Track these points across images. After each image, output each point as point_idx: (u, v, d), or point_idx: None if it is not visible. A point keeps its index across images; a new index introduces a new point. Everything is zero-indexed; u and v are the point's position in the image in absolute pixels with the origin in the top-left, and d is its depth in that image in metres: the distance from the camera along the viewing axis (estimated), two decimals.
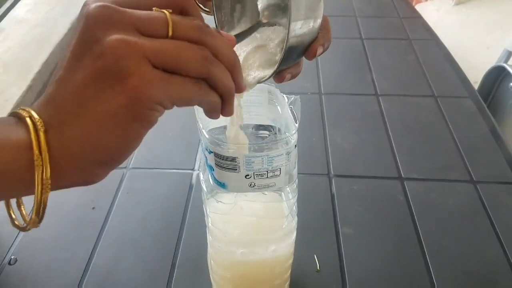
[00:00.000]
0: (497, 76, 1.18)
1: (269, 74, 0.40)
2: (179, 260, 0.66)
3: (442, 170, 0.83)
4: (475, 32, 1.70)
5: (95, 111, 0.27)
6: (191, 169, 0.82)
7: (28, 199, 0.30)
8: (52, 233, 0.70)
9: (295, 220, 0.55)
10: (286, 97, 0.51)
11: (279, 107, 0.52)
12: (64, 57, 0.28)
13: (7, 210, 0.32)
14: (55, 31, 1.77)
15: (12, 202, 0.32)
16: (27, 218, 0.30)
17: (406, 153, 0.86)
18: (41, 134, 0.27)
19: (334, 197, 0.77)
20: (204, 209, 0.55)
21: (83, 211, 0.74)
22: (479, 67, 1.38)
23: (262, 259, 0.55)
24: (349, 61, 1.15)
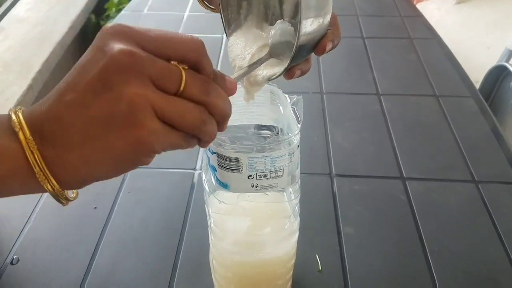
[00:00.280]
0: (498, 75, 1.18)
1: (280, 71, 0.40)
2: (180, 260, 0.66)
3: (443, 169, 0.83)
4: (476, 31, 1.69)
5: (100, 147, 0.29)
6: (193, 169, 0.82)
7: None
8: (54, 232, 0.70)
9: (297, 220, 0.55)
10: (288, 97, 0.51)
11: (281, 107, 0.52)
12: (77, 79, 0.29)
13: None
14: (55, 30, 1.77)
15: None
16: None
17: (407, 152, 0.86)
18: (37, 154, 0.29)
19: (335, 197, 0.77)
20: (206, 209, 0.55)
21: (85, 211, 0.74)
22: (480, 67, 1.38)
23: (264, 260, 0.55)
24: (350, 60, 1.15)
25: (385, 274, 0.66)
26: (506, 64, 1.16)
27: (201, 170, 0.81)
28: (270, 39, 0.41)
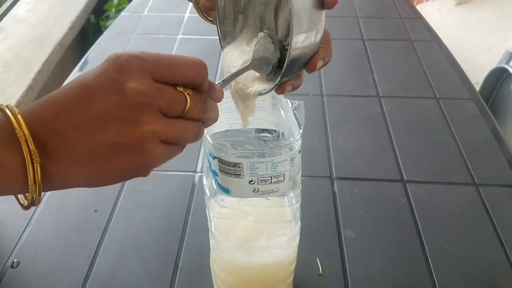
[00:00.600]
0: (499, 77, 1.18)
1: (271, 87, 0.41)
2: (181, 263, 0.66)
3: (444, 172, 0.83)
4: (476, 32, 1.69)
5: (103, 167, 0.32)
6: (193, 171, 0.82)
7: None
8: (54, 236, 0.70)
9: (298, 224, 0.55)
10: (290, 102, 0.51)
11: (282, 112, 0.52)
12: (84, 100, 0.31)
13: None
14: (55, 30, 1.77)
15: None
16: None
17: (408, 155, 0.86)
18: (37, 167, 0.30)
19: (336, 200, 0.77)
20: (207, 213, 0.55)
21: (86, 214, 0.74)
22: (480, 68, 1.38)
23: (265, 264, 0.55)
24: (350, 62, 1.15)
25: (385, 277, 0.66)
26: (506, 66, 1.16)
27: (201, 172, 0.81)
28: (253, 53, 0.43)
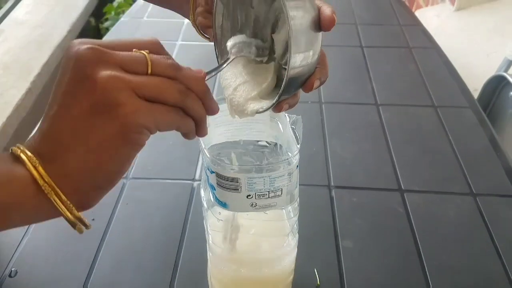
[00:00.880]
0: (497, 85, 1.18)
1: (268, 106, 0.41)
2: (179, 273, 0.66)
3: (442, 182, 0.83)
4: (475, 38, 1.70)
5: (91, 140, 0.30)
6: (191, 179, 0.82)
7: None
8: (52, 245, 0.70)
9: (296, 237, 0.55)
10: (288, 116, 0.51)
11: (280, 125, 0.52)
12: (55, 95, 0.31)
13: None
14: (55, 32, 1.77)
15: None
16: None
17: (406, 164, 0.86)
18: (40, 168, 0.30)
19: (334, 209, 0.77)
20: (204, 225, 0.55)
21: None
22: (479, 75, 1.38)
23: (262, 277, 0.55)
24: (349, 70, 1.15)
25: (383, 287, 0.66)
26: (505, 74, 1.16)
27: (199, 180, 0.81)
28: (228, 43, 0.43)
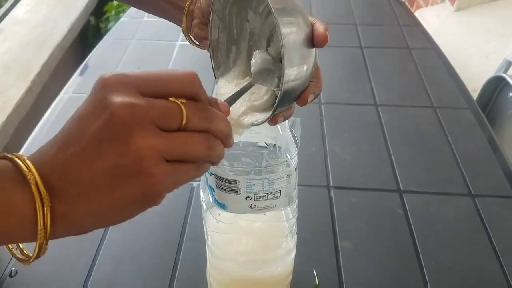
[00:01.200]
0: (496, 86, 1.18)
1: (263, 119, 0.42)
2: (178, 274, 0.67)
3: (440, 183, 0.83)
4: (475, 39, 1.70)
5: (109, 197, 0.30)
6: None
7: None
8: (52, 245, 0.70)
9: (294, 238, 0.55)
10: None
11: (279, 128, 0.52)
12: (79, 130, 0.30)
13: (8, 249, 0.33)
14: (55, 32, 1.77)
15: None
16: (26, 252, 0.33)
17: (405, 165, 0.87)
18: (47, 211, 0.29)
19: (333, 210, 0.77)
20: (204, 226, 0.55)
21: None
22: (478, 75, 1.38)
23: (261, 277, 0.55)
24: (348, 70, 1.15)
25: None
26: (504, 75, 1.16)
27: (199, 181, 0.81)
28: (252, 68, 0.43)
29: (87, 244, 0.70)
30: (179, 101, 0.31)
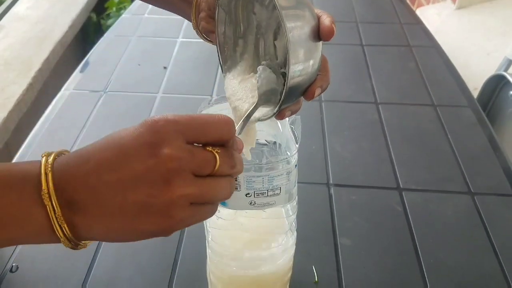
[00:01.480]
0: (497, 84, 1.18)
1: (270, 114, 0.42)
2: (178, 270, 0.67)
3: (440, 181, 0.84)
4: (476, 37, 1.70)
5: (130, 225, 0.33)
6: None
7: None
8: None
9: (294, 235, 0.56)
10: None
11: (280, 125, 0.52)
12: (118, 160, 0.32)
13: None
14: (55, 28, 1.77)
15: None
16: None
17: (404, 163, 0.87)
18: (65, 226, 0.32)
19: (333, 207, 0.77)
20: (204, 222, 0.55)
21: None
22: (479, 73, 1.38)
23: (261, 274, 0.56)
24: (349, 68, 1.15)
25: (380, 285, 0.66)
26: (504, 73, 1.16)
27: None
28: (257, 89, 0.43)
29: None
30: (215, 151, 0.34)
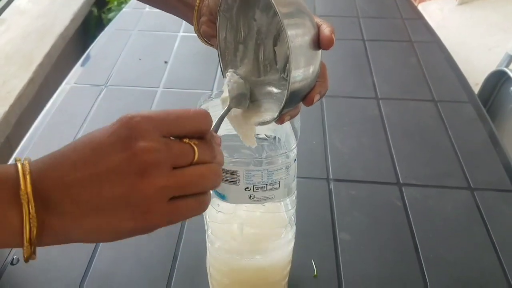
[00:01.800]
0: (498, 80, 1.18)
1: (270, 119, 0.43)
2: (178, 264, 0.67)
3: (440, 176, 0.84)
4: (477, 32, 1.69)
5: (108, 222, 0.32)
6: None
7: None
8: None
9: (293, 229, 0.56)
10: None
11: None
12: (92, 155, 0.31)
13: None
14: (57, 22, 1.77)
15: None
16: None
17: (404, 158, 0.87)
18: (34, 230, 0.30)
19: (332, 202, 0.78)
20: (203, 216, 0.55)
21: None
22: (480, 69, 1.38)
23: (260, 267, 0.56)
24: (350, 63, 1.15)
25: (379, 281, 0.67)
26: (505, 69, 1.16)
27: None
28: (229, 94, 0.44)
29: None
30: (192, 142, 0.34)
